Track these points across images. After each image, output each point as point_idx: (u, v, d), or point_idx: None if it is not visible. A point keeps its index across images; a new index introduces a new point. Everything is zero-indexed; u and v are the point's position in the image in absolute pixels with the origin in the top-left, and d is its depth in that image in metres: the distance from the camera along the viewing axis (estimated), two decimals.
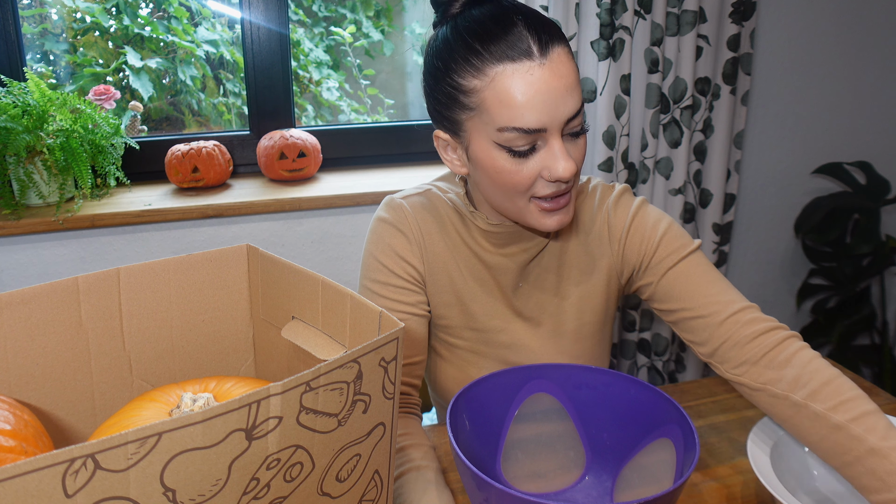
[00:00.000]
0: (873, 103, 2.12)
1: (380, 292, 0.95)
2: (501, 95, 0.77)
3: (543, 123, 0.78)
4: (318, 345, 0.73)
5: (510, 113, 0.77)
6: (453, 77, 0.80)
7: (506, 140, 0.79)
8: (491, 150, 0.81)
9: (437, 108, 0.86)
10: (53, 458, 0.43)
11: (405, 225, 0.95)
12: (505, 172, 0.81)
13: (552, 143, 0.80)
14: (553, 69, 0.77)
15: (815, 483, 0.86)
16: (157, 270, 0.76)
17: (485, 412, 0.85)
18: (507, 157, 0.80)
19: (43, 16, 1.94)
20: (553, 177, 0.80)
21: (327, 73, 2.34)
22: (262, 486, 0.55)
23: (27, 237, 1.49)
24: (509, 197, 0.84)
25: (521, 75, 0.76)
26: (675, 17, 1.67)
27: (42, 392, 0.71)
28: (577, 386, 0.86)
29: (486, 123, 0.80)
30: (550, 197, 0.83)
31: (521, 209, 0.85)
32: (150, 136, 1.73)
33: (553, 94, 0.77)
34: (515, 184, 0.82)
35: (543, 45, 0.77)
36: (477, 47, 0.78)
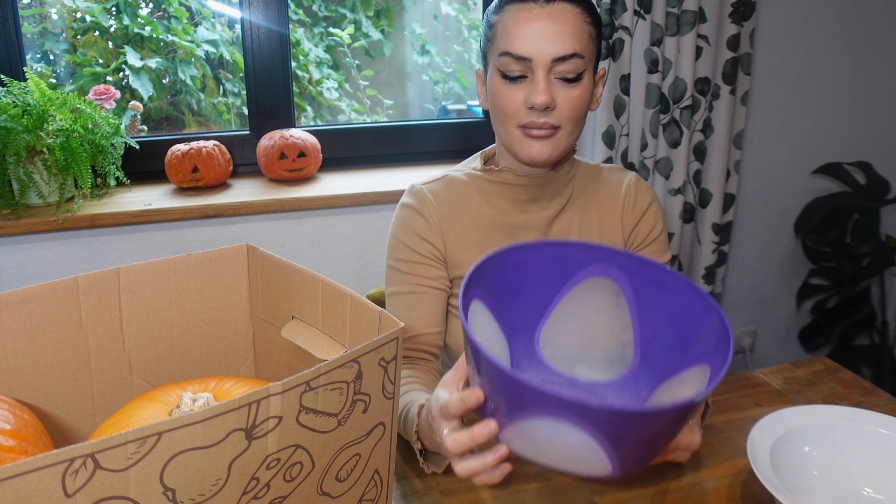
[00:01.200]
0: (873, 103, 2.12)
1: (403, 269, 1.04)
2: (505, 25, 0.93)
3: (530, 53, 0.91)
4: (318, 345, 0.73)
5: (507, 40, 0.93)
6: (490, 15, 0.98)
7: (502, 64, 0.94)
8: (495, 77, 0.96)
9: (480, 45, 1.02)
10: (53, 457, 0.43)
11: (425, 208, 1.04)
12: (499, 96, 0.95)
13: (538, 74, 0.92)
14: (551, 15, 0.91)
15: (815, 483, 0.86)
16: (157, 270, 0.76)
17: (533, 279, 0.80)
18: (503, 81, 0.95)
19: (43, 15, 1.94)
20: (529, 103, 0.92)
21: (327, 73, 2.34)
22: (261, 485, 0.55)
23: (27, 237, 1.49)
24: (502, 122, 0.97)
25: (522, 12, 0.92)
26: (675, 17, 1.67)
27: (42, 392, 0.71)
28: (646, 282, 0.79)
29: (494, 51, 0.96)
30: (530, 127, 0.94)
31: (511, 136, 0.97)
32: (150, 135, 1.73)
33: (544, 32, 0.91)
34: (505, 107, 0.95)
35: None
36: None
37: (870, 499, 0.85)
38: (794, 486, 0.84)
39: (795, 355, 2.32)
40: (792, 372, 1.16)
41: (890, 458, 0.86)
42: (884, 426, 0.88)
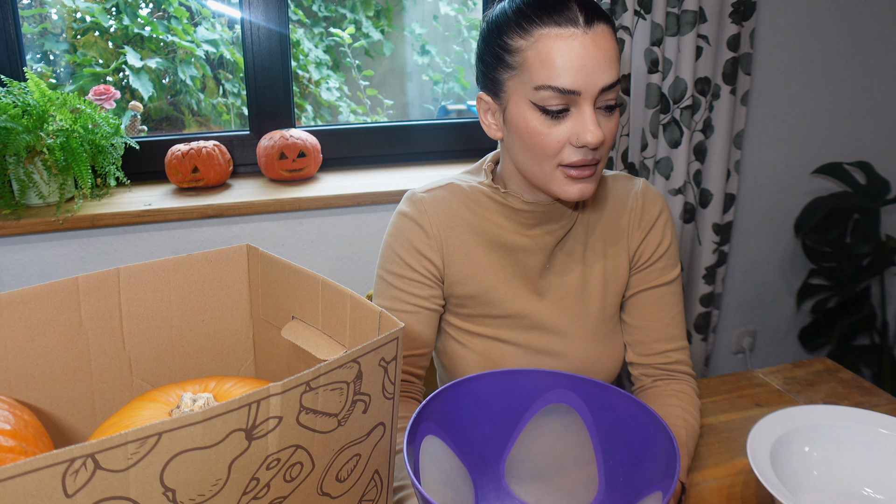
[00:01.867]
0: (873, 103, 2.12)
1: (394, 283, 0.97)
2: (543, 55, 0.82)
3: (578, 86, 0.82)
4: (318, 345, 0.73)
5: (548, 72, 0.82)
6: (502, 38, 0.86)
7: (541, 99, 0.83)
8: (526, 110, 0.85)
9: (483, 69, 0.91)
10: (53, 457, 0.43)
11: (425, 219, 0.97)
12: (536, 134, 0.85)
13: (584, 108, 0.83)
14: (595, 40, 0.82)
15: (815, 483, 0.86)
16: (157, 270, 0.76)
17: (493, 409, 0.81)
18: (541, 117, 0.84)
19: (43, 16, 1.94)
20: (580, 142, 0.83)
21: (326, 73, 2.35)
22: (262, 486, 0.55)
23: (27, 237, 1.49)
24: (537, 161, 0.87)
25: (563, 39, 0.81)
26: (675, 17, 1.67)
27: (42, 392, 0.71)
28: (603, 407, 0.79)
29: (525, 82, 0.84)
30: (577, 165, 0.85)
31: (547, 175, 0.87)
32: (149, 136, 1.73)
33: (591, 60, 0.81)
34: (545, 146, 0.85)
35: (589, 18, 0.82)
36: (528, 12, 0.84)
37: (870, 499, 0.85)
38: (794, 486, 0.84)
39: (795, 355, 2.32)
40: (792, 372, 1.16)
41: (890, 458, 0.86)
42: (884, 426, 0.88)
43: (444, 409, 0.79)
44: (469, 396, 0.81)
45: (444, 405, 0.79)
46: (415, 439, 0.73)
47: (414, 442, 0.73)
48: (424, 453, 0.75)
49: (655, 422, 0.72)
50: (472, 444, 0.82)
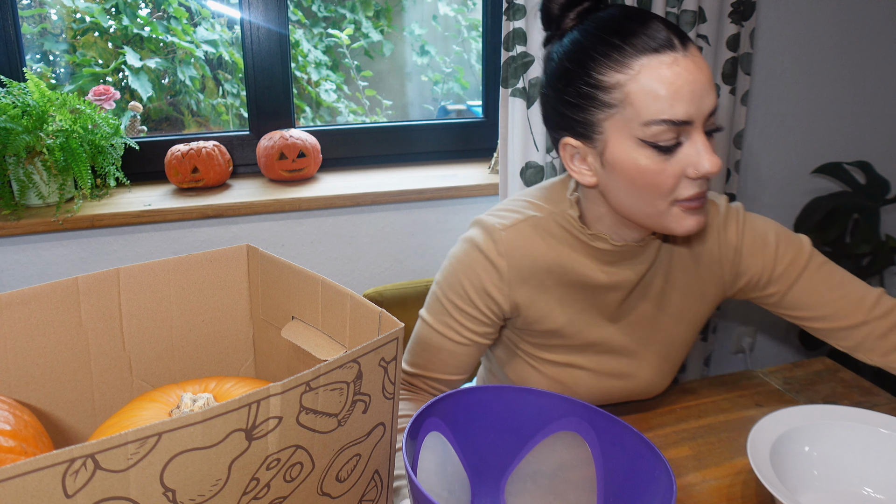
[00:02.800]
0: (873, 103, 2.12)
1: (451, 312, 0.93)
2: (649, 88, 0.75)
3: (691, 115, 0.76)
4: (318, 345, 0.73)
5: (658, 105, 0.75)
6: (591, 75, 0.78)
7: (652, 135, 0.77)
8: (633, 150, 0.78)
9: (567, 111, 0.82)
10: (53, 458, 0.43)
11: (501, 262, 0.90)
12: (649, 173, 0.78)
13: (696, 137, 0.78)
14: (695, 61, 0.76)
15: (815, 483, 0.86)
16: (157, 271, 0.76)
17: (510, 420, 0.81)
18: (652, 154, 0.77)
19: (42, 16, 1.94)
20: (699, 173, 0.78)
21: (325, 74, 2.35)
22: (262, 486, 0.55)
23: (27, 237, 1.49)
24: (650, 201, 0.80)
25: (668, 66, 0.75)
26: (675, 17, 1.67)
27: (42, 392, 0.71)
28: (613, 442, 0.78)
29: (630, 119, 0.77)
30: (694, 199, 0.80)
31: (662, 213, 0.81)
32: (149, 136, 1.73)
33: (698, 84, 0.76)
34: (659, 184, 0.79)
35: (682, 38, 0.77)
36: (617, 42, 0.77)
37: (870, 499, 0.85)
38: (794, 486, 0.84)
39: (795, 355, 2.32)
40: (792, 372, 1.16)
41: (890, 458, 0.86)
42: (884, 426, 0.88)
43: (454, 410, 0.78)
44: (482, 405, 0.80)
45: (455, 407, 0.78)
46: (418, 432, 0.73)
47: (417, 435, 0.73)
48: (426, 449, 0.75)
49: (660, 463, 0.72)
50: (477, 453, 0.81)
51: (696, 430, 1.00)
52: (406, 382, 0.99)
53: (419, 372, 0.96)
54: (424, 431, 0.75)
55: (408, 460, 0.66)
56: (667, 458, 0.93)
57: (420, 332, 0.96)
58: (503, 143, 1.62)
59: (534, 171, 1.63)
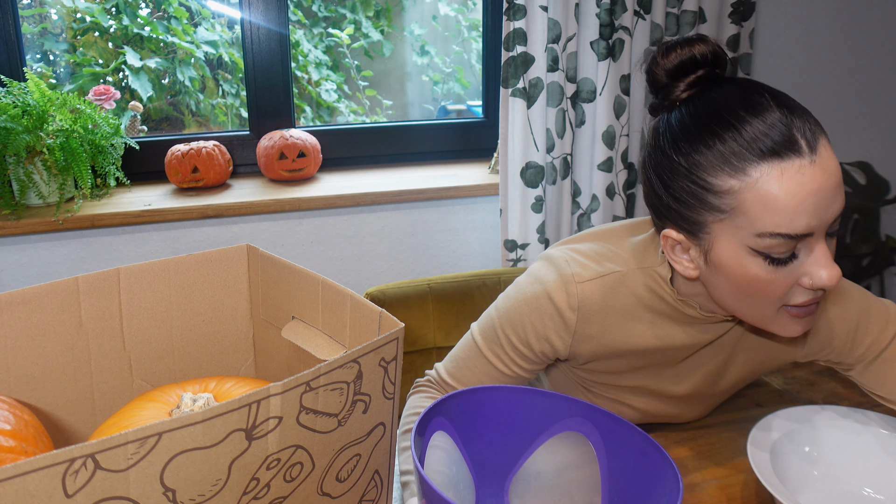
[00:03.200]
0: (873, 103, 2.12)
1: (504, 346, 0.89)
2: (766, 198, 0.67)
3: (812, 228, 0.68)
4: (318, 345, 0.73)
5: (775, 218, 0.67)
6: (701, 175, 0.71)
7: (765, 247, 0.69)
8: (742, 257, 0.71)
9: (673, 205, 0.75)
10: (53, 458, 0.43)
11: (570, 314, 0.84)
12: (758, 282, 0.72)
13: (817, 248, 0.70)
14: (823, 166, 0.67)
15: (815, 483, 0.86)
16: (157, 270, 0.76)
17: (511, 422, 0.81)
18: (763, 264, 0.70)
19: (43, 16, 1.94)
20: (816, 285, 0.71)
21: (326, 73, 2.35)
22: (262, 486, 0.55)
23: (27, 237, 1.49)
24: (756, 306, 0.74)
25: (790, 176, 0.67)
26: (675, 18, 1.67)
27: (42, 392, 0.71)
28: (618, 442, 0.77)
29: (741, 227, 0.70)
30: (805, 305, 0.74)
31: (767, 316, 0.75)
32: (149, 136, 1.73)
33: (825, 194, 0.67)
34: (768, 293, 0.72)
35: (811, 138, 0.68)
36: (731, 140, 0.69)
37: (870, 499, 0.85)
38: (794, 486, 0.84)
39: None
40: (792, 372, 1.16)
41: (890, 458, 0.86)
42: (884, 426, 0.88)
43: (460, 409, 0.78)
44: (487, 405, 0.81)
45: (461, 406, 0.79)
46: (425, 430, 0.73)
47: (425, 433, 0.73)
48: (432, 447, 0.75)
49: (665, 461, 0.72)
50: (482, 452, 0.82)
51: (695, 430, 1.00)
52: (439, 385, 0.96)
53: (455, 384, 0.94)
54: (431, 430, 0.75)
55: (416, 456, 0.66)
56: None
57: (467, 348, 0.92)
58: (503, 143, 1.62)
59: (534, 172, 1.63)
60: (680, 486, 0.68)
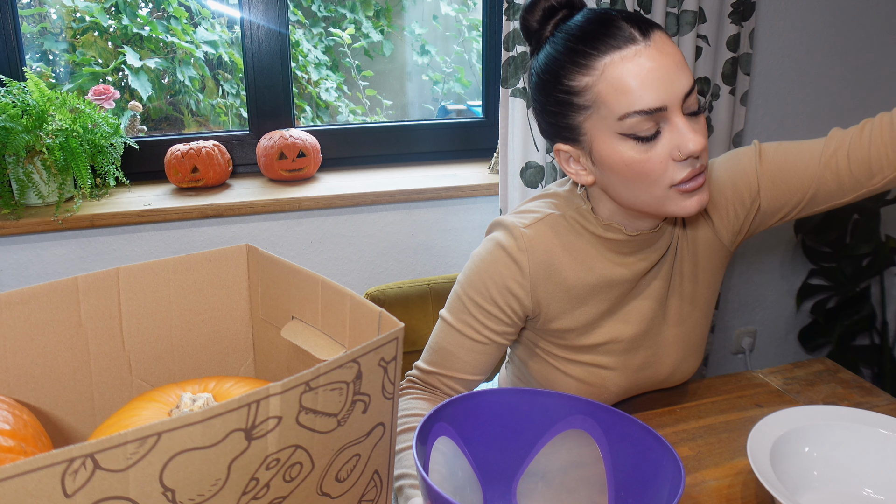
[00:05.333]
0: (873, 103, 2.12)
1: (472, 311, 0.93)
2: (615, 83, 0.78)
3: (663, 101, 0.78)
4: (318, 345, 0.73)
5: (627, 98, 0.78)
6: (563, 82, 0.82)
7: (629, 127, 0.79)
8: (616, 144, 0.81)
9: (552, 120, 0.86)
10: (52, 457, 0.43)
11: (523, 258, 0.91)
12: (635, 163, 0.81)
13: (675, 121, 0.79)
14: (658, 48, 0.78)
15: (815, 483, 0.86)
16: (157, 270, 0.76)
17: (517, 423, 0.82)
18: (634, 145, 0.80)
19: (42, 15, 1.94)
20: (684, 154, 0.79)
21: (326, 73, 2.34)
22: (261, 486, 0.55)
23: (26, 237, 1.49)
24: (646, 189, 0.83)
25: (629, 59, 0.77)
26: (675, 18, 1.67)
27: (41, 392, 0.71)
28: (620, 437, 0.78)
29: (605, 117, 0.80)
30: (688, 180, 0.81)
31: (661, 199, 0.83)
32: (149, 135, 1.73)
33: (664, 70, 0.78)
34: (648, 172, 0.81)
35: (644, 30, 0.79)
36: (581, 48, 0.80)
37: (870, 499, 0.85)
38: (794, 486, 0.84)
39: (795, 355, 2.32)
40: (792, 372, 1.16)
41: (890, 458, 0.86)
42: (884, 426, 0.88)
43: (462, 414, 0.79)
44: (487, 409, 0.81)
45: (463, 411, 0.79)
46: (427, 437, 0.73)
47: (426, 440, 0.73)
48: (436, 451, 0.75)
49: (666, 451, 0.73)
50: (487, 456, 0.82)
51: (695, 430, 1.00)
52: (422, 381, 0.98)
53: (436, 370, 0.96)
54: (434, 436, 0.75)
55: (419, 463, 0.66)
56: None
57: (439, 331, 0.96)
58: (503, 143, 1.62)
59: (534, 171, 1.62)
60: (682, 475, 0.68)
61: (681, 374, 1.03)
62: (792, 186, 0.94)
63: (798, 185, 0.94)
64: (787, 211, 0.97)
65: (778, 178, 0.94)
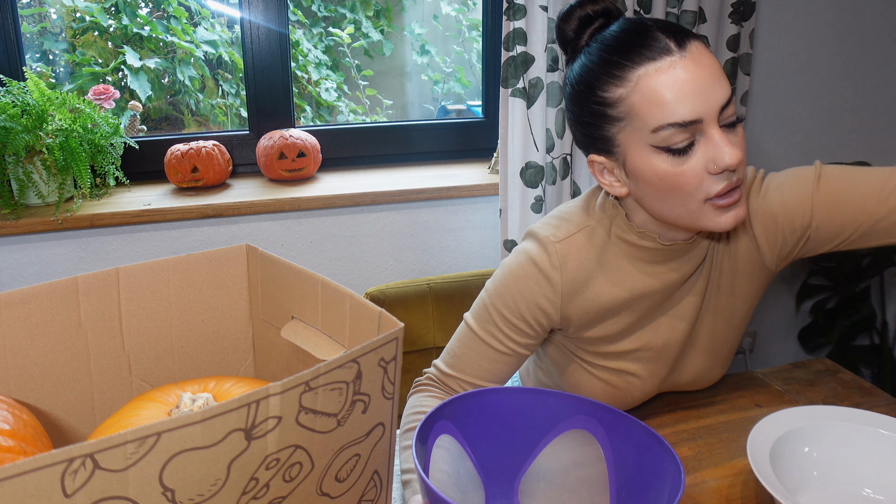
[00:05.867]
0: (873, 103, 2.12)
1: (497, 322, 0.93)
2: (649, 95, 0.77)
3: (698, 114, 0.77)
4: (318, 345, 0.73)
5: (662, 111, 0.77)
6: (597, 94, 0.81)
7: (663, 140, 0.78)
8: (649, 157, 0.80)
9: (586, 131, 0.86)
10: (52, 457, 0.43)
11: (556, 275, 0.90)
12: (669, 176, 0.80)
13: (710, 133, 0.78)
14: (694, 59, 0.77)
15: (815, 483, 0.86)
16: (157, 270, 0.76)
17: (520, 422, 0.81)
18: (668, 158, 0.79)
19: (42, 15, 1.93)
20: (720, 167, 0.78)
21: (326, 73, 2.34)
22: (261, 485, 0.55)
23: (26, 237, 1.49)
24: (680, 202, 0.81)
25: (664, 71, 0.77)
26: (675, 18, 1.67)
27: (41, 392, 0.71)
28: (623, 438, 0.78)
29: (639, 129, 0.79)
30: (724, 193, 0.80)
31: (695, 213, 0.82)
32: (149, 135, 1.73)
33: (700, 82, 0.77)
34: (683, 185, 0.80)
35: (680, 41, 0.78)
36: (615, 59, 0.80)
37: (870, 499, 0.85)
38: (794, 486, 0.84)
39: (795, 356, 2.32)
40: (792, 372, 1.16)
41: (890, 458, 0.86)
42: (884, 426, 0.88)
43: (463, 413, 0.78)
44: (492, 407, 0.81)
45: (466, 409, 0.79)
46: (429, 435, 0.73)
47: (427, 438, 0.73)
48: (439, 448, 0.75)
49: (667, 453, 0.73)
50: (489, 454, 0.82)
51: (695, 430, 1.00)
52: (440, 382, 0.97)
53: (455, 374, 0.95)
54: (434, 434, 0.75)
55: (419, 463, 0.66)
56: None
57: (462, 336, 0.96)
58: (503, 143, 1.62)
59: (534, 171, 1.62)
60: (682, 477, 0.69)
61: (704, 381, 1.04)
62: (847, 218, 0.89)
63: (853, 218, 0.89)
64: (839, 241, 0.92)
65: (834, 209, 0.90)
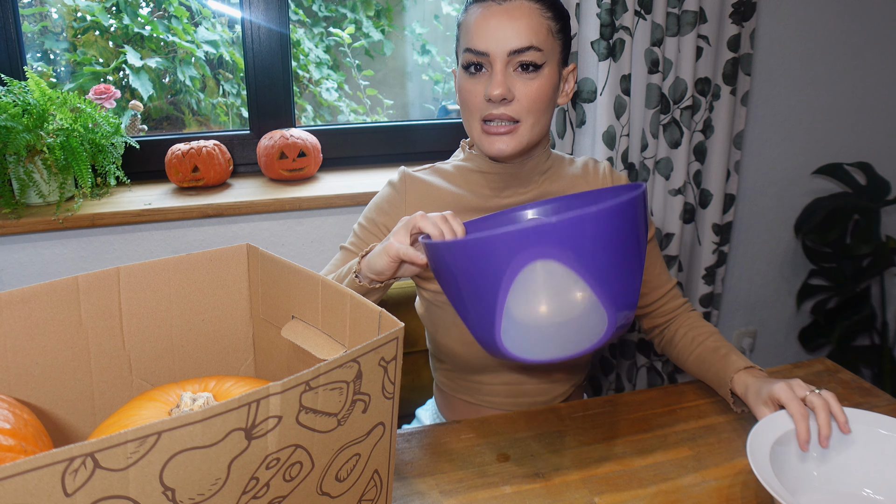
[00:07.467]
0: (873, 103, 2.12)
1: (358, 232, 1.10)
2: (468, 23, 0.98)
3: (487, 48, 0.95)
4: (318, 344, 0.73)
5: (468, 36, 0.98)
6: (458, 18, 1.03)
7: (464, 59, 0.99)
8: (460, 72, 1.01)
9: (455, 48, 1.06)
10: (53, 457, 0.43)
11: (404, 187, 1.08)
12: (463, 90, 1.00)
13: (495, 68, 0.96)
14: (507, 11, 0.95)
15: (815, 483, 0.86)
16: (157, 270, 0.76)
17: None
18: (465, 75, 0.99)
19: (43, 14, 1.93)
20: (487, 95, 0.96)
21: (327, 73, 2.34)
22: (261, 485, 0.55)
23: (27, 236, 1.49)
24: (468, 118, 1.00)
25: (482, 10, 0.97)
26: (676, 18, 1.67)
27: (42, 391, 0.71)
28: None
29: (459, 49, 1.01)
30: (490, 119, 0.98)
31: (475, 131, 1.00)
32: (150, 135, 1.73)
33: (500, 27, 0.95)
34: (467, 101, 0.99)
35: None
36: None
37: (870, 499, 0.85)
38: (794, 486, 0.84)
39: (795, 356, 2.32)
40: (792, 372, 1.16)
41: (890, 458, 0.86)
42: (884, 426, 0.88)
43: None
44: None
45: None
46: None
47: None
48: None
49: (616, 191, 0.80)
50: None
51: (695, 430, 1.00)
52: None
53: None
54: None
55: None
56: (666, 458, 0.93)
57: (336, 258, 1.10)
58: None
59: None
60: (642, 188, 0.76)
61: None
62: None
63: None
64: None
65: None
